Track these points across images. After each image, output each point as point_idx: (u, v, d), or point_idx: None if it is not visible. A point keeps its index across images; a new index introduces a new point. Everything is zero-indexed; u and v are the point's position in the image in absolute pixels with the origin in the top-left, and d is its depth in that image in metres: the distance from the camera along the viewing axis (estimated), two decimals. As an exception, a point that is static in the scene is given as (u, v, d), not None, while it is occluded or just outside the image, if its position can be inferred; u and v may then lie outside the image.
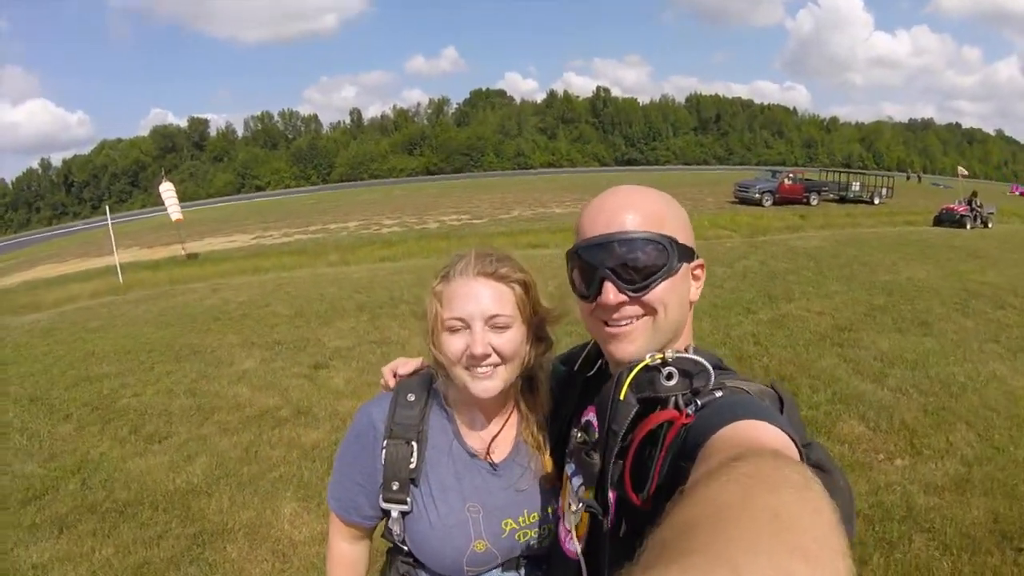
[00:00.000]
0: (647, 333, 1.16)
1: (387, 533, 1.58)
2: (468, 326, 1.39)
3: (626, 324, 1.16)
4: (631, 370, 1.08)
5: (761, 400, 1.01)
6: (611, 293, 1.13)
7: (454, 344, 1.40)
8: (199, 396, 7.38)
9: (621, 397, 1.06)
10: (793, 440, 0.86)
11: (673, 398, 1.03)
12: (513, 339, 1.42)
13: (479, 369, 1.40)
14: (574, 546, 1.24)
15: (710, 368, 1.05)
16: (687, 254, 1.18)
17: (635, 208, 1.16)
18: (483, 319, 1.39)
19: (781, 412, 0.99)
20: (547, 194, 45.70)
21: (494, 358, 1.40)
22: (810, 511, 0.53)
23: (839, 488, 0.93)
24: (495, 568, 1.53)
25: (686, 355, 1.07)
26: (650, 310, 1.15)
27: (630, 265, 1.13)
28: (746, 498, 0.55)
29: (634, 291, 1.13)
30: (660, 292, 1.14)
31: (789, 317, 9.90)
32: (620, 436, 1.05)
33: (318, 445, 5.97)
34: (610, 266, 1.13)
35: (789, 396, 1.08)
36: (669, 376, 1.05)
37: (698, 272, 1.25)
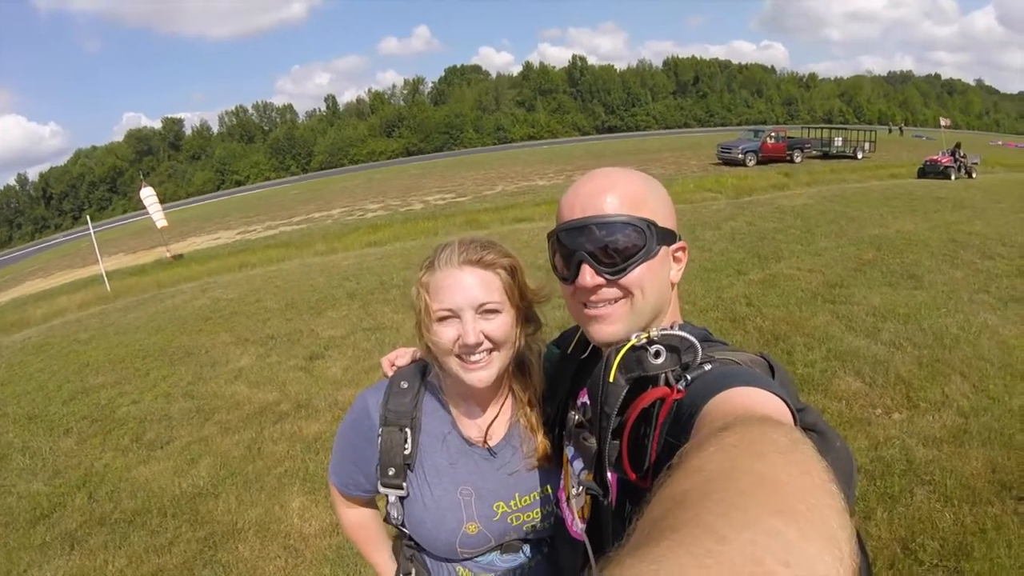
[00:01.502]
0: (625, 315, 1.17)
1: (388, 517, 1.63)
2: (458, 316, 1.39)
3: (604, 307, 1.18)
4: (618, 351, 1.07)
5: (751, 368, 1.01)
6: (588, 276, 1.15)
7: (445, 334, 1.40)
8: (197, 398, 7.36)
9: (611, 379, 1.06)
10: (786, 402, 0.85)
11: (663, 375, 1.03)
12: (504, 324, 1.42)
13: (473, 358, 1.41)
14: (579, 528, 1.26)
15: (696, 342, 1.04)
16: (667, 237, 1.19)
17: (613, 191, 1.17)
18: (472, 308, 1.39)
19: (772, 379, 0.99)
20: (529, 167, 45.54)
21: (486, 344, 1.41)
22: (798, 472, 0.53)
23: (835, 449, 0.93)
24: (493, 551, 1.56)
25: (671, 331, 1.07)
26: (627, 293, 1.16)
27: (608, 248, 1.14)
28: (732, 467, 0.55)
29: (611, 274, 1.15)
30: (638, 275, 1.15)
31: (780, 276, 9.93)
32: (612, 417, 1.05)
33: (320, 436, 5.99)
34: (588, 249, 1.15)
35: (780, 365, 1.07)
36: (657, 354, 1.04)
37: (679, 254, 1.26)
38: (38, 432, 6.98)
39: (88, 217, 21.10)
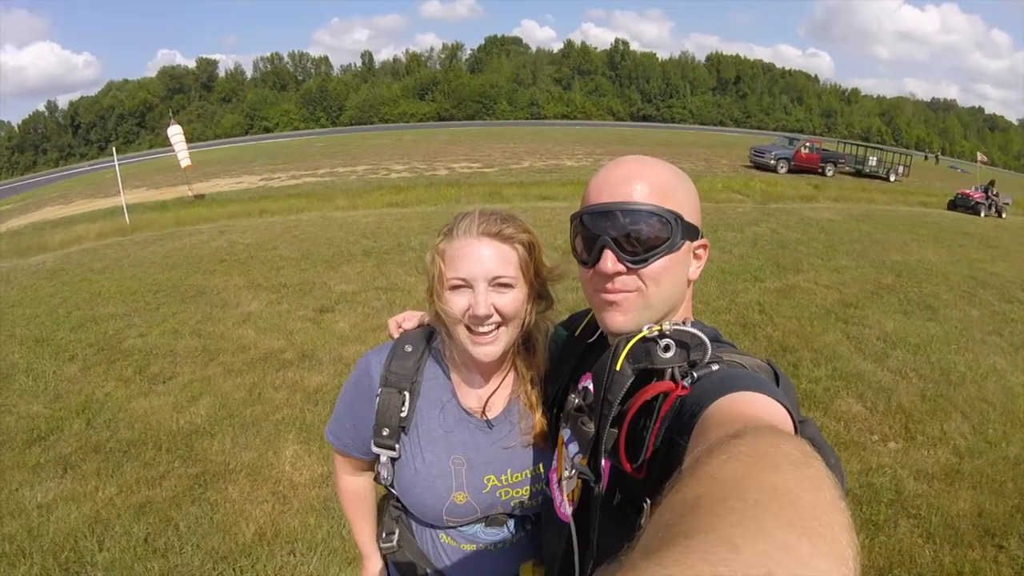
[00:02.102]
0: (639, 306, 1.17)
1: (377, 477, 1.63)
2: (471, 286, 1.39)
3: (621, 294, 1.17)
4: (628, 340, 1.07)
5: (757, 374, 1.01)
6: (609, 262, 1.14)
7: (456, 303, 1.40)
8: (204, 337, 7.40)
9: (617, 367, 1.06)
10: (789, 411, 0.86)
11: (669, 370, 1.03)
12: (516, 299, 1.42)
13: (481, 329, 1.41)
14: (566, 510, 1.27)
15: (707, 341, 1.04)
16: (691, 232, 1.19)
17: (643, 179, 1.16)
18: (486, 280, 1.38)
19: (777, 387, 0.98)
20: (560, 145, 45.17)
21: (496, 318, 1.41)
22: (810, 487, 0.53)
23: (831, 466, 0.91)
24: (478, 523, 1.57)
25: (684, 327, 1.06)
26: (645, 283, 1.16)
27: (632, 236, 1.13)
28: (746, 476, 0.55)
29: (633, 263, 1.14)
30: (658, 267, 1.14)
31: (796, 288, 9.87)
32: (615, 405, 1.05)
33: (321, 388, 6.01)
34: (612, 235, 1.14)
35: (784, 374, 1.06)
36: (666, 348, 1.04)
37: (700, 252, 1.25)
38: (44, 355, 7.02)
39: (114, 149, 21.13)
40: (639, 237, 1.13)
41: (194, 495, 4.42)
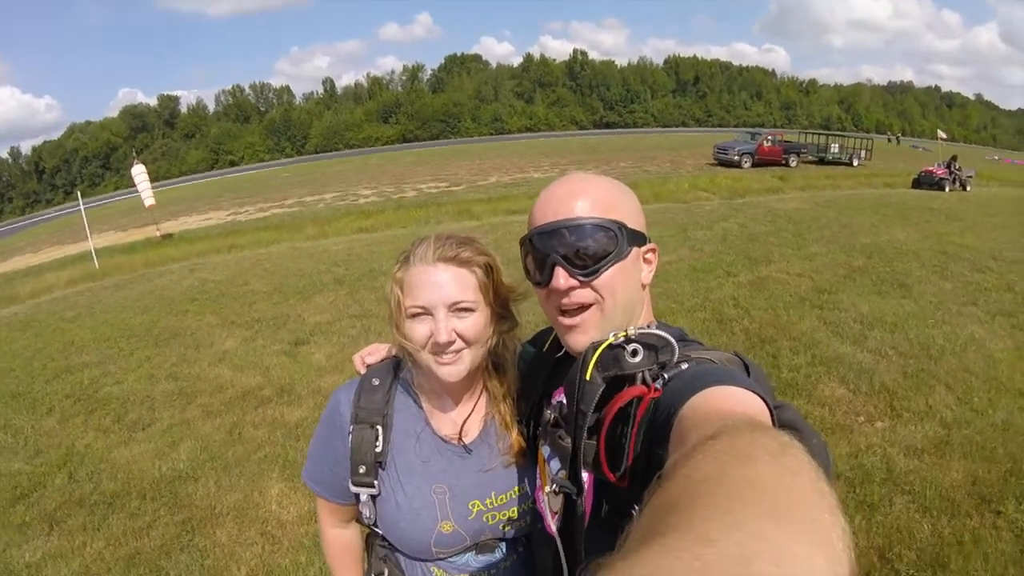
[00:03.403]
0: (598, 321, 1.18)
1: (360, 517, 1.60)
2: (430, 313, 1.37)
3: (579, 314, 1.19)
4: (596, 349, 1.08)
5: (728, 367, 1.02)
6: (561, 278, 1.16)
7: (417, 331, 1.39)
8: (181, 380, 7.35)
9: (587, 377, 1.07)
10: (764, 399, 0.86)
11: (640, 374, 1.04)
12: (477, 323, 1.41)
13: (444, 356, 1.40)
14: (552, 526, 1.26)
15: (674, 342, 1.05)
16: (637, 238, 1.20)
17: (584, 194, 1.18)
18: (445, 306, 1.37)
19: (748, 377, 0.99)
20: (525, 159, 45.35)
21: (458, 343, 1.39)
22: (787, 474, 0.53)
23: (813, 447, 0.94)
24: (468, 551, 1.54)
25: (649, 330, 1.07)
26: (601, 295, 1.17)
27: (580, 251, 1.15)
28: (721, 472, 0.55)
29: (584, 275, 1.15)
30: (610, 276, 1.16)
31: (769, 280, 9.92)
32: (588, 415, 1.06)
33: (301, 423, 5.98)
34: (560, 252, 1.16)
35: (754, 363, 1.08)
36: (634, 352, 1.05)
37: (650, 256, 1.27)
38: (21, 410, 6.94)
39: (79, 193, 20.87)
40: (587, 250, 1.15)
41: (182, 542, 4.38)
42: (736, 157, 34.42)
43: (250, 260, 14.99)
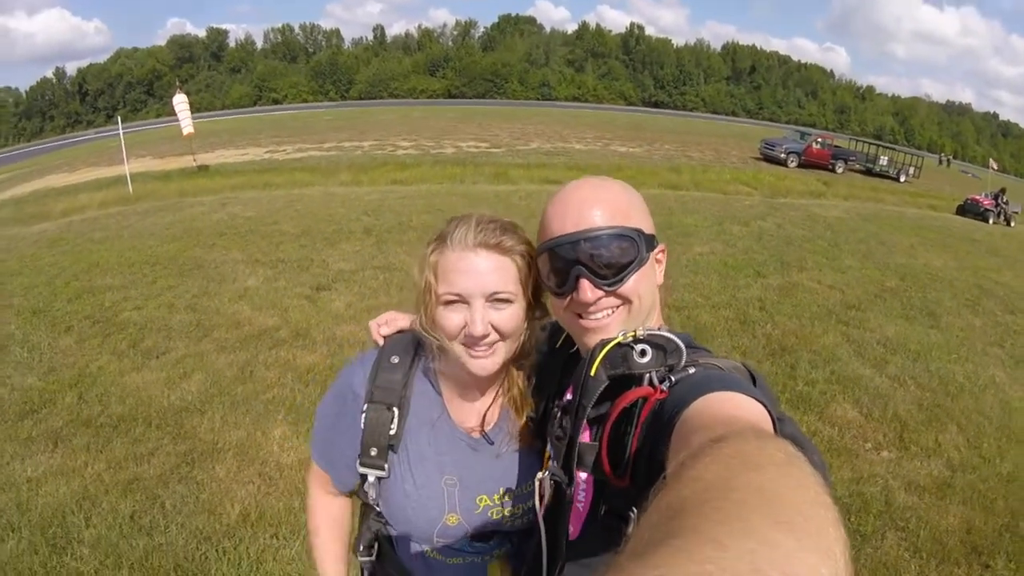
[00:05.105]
0: (624, 323, 1.18)
1: (361, 494, 1.54)
2: (466, 302, 1.29)
3: (602, 317, 1.19)
4: (604, 346, 1.09)
5: (734, 374, 1.01)
6: (588, 291, 1.16)
7: (450, 320, 1.31)
8: (199, 312, 7.43)
9: (592, 373, 1.08)
10: (767, 409, 0.86)
11: (648, 375, 1.05)
12: (514, 315, 1.33)
13: (477, 348, 1.32)
14: (538, 511, 1.26)
15: (682, 345, 1.05)
16: (652, 242, 1.22)
17: (600, 203, 1.18)
18: (483, 295, 1.29)
19: (754, 386, 0.98)
20: (569, 128, 44.71)
21: (493, 336, 1.32)
22: (795, 485, 0.54)
23: (814, 463, 0.92)
24: (465, 537, 1.50)
25: (658, 332, 1.08)
26: (625, 300, 1.18)
27: (604, 261, 1.15)
28: (730, 477, 0.55)
29: (609, 285, 1.16)
30: (634, 283, 1.17)
31: (799, 287, 9.75)
32: (587, 410, 1.07)
33: (313, 368, 6.01)
34: (584, 263, 1.15)
35: (761, 375, 1.05)
36: (643, 353, 1.06)
37: (660, 256, 1.27)
38: (40, 327, 7.05)
39: (119, 117, 20.98)
40: (610, 260, 1.14)
41: (181, 473, 4.44)
42: (783, 155, 33.83)
43: (282, 200, 15.06)
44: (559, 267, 1.19)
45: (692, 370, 1.01)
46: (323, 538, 1.69)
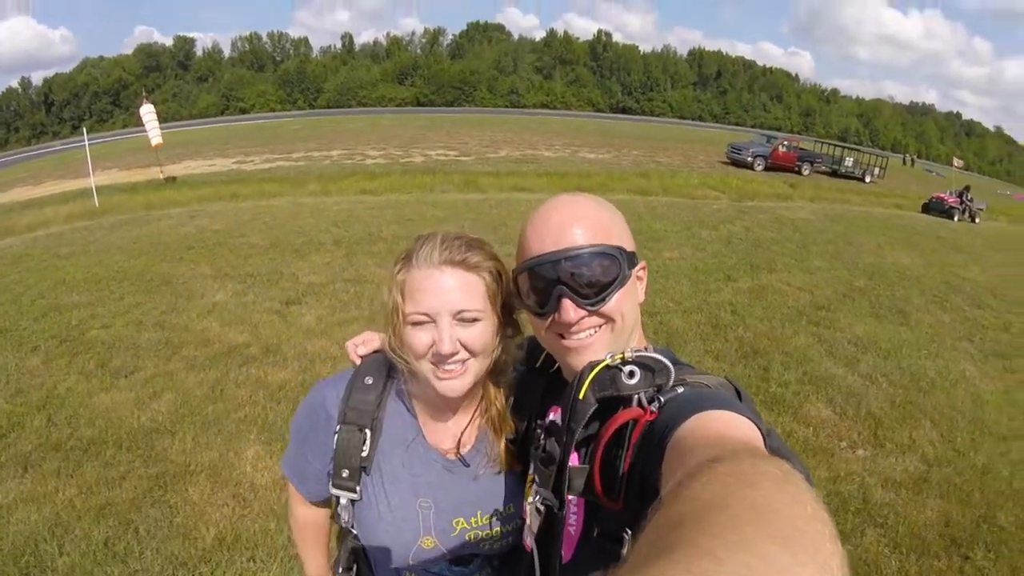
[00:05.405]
0: (608, 342, 1.17)
1: (336, 517, 1.53)
2: (433, 321, 1.28)
3: (586, 336, 1.18)
4: (592, 369, 1.08)
5: (721, 392, 1.03)
6: (571, 311, 1.14)
7: (418, 339, 1.30)
8: (168, 329, 7.34)
9: (581, 396, 1.07)
10: (757, 426, 0.88)
11: (637, 396, 1.03)
12: (483, 333, 1.32)
13: (446, 366, 1.31)
14: (530, 538, 1.25)
15: (670, 365, 1.04)
16: (633, 259, 1.21)
17: (579, 221, 1.16)
18: (450, 313, 1.28)
19: (740, 403, 0.99)
20: (537, 135, 44.80)
21: (462, 354, 1.31)
22: (790, 500, 0.54)
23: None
24: (444, 560, 1.49)
25: (645, 353, 1.07)
26: (608, 319, 1.17)
27: (586, 280, 1.14)
28: (727, 495, 0.56)
29: (592, 304, 1.15)
30: (616, 301, 1.16)
31: (769, 289, 9.88)
32: (576, 433, 1.07)
33: (285, 385, 5.96)
34: (566, 283, 1.14)
35: (745, 390, 1.08)
36: (631, 374, 1.05)
37: (641, 273, 1.26)
38: (6, 347, 6.92)
39: (85, 128, 20.75)
40: (592, 279, 1.13)
41: (154, 497, 4.38)
42: (749, 158, 34.18)
43: (250, 212, 14.93)
44: (540, 287, 1.17)
45: (680, 389, 1.02)
46: (306, 544, 1.71)
